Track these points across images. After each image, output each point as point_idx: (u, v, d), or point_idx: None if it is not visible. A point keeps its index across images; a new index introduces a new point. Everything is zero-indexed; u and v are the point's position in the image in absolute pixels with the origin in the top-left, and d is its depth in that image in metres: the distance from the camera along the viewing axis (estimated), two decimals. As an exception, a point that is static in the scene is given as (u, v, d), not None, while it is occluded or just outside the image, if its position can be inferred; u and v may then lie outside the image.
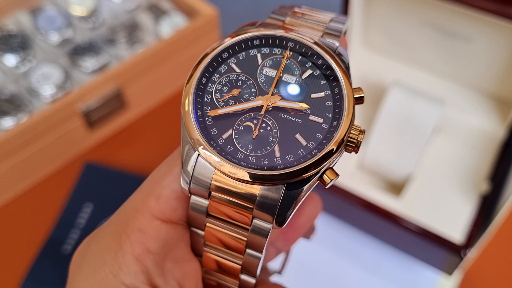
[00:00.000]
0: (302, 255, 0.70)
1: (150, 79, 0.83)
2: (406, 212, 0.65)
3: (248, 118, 0.33)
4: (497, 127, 0.72)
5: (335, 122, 0.32)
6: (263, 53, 0.35)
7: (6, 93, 0.78)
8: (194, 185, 0.32)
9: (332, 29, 0.36)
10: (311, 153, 0.32)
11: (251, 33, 0.35)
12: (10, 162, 0.72)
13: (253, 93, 0.34)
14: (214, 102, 0.34)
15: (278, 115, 0.33)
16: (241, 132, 0.33)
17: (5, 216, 0.75)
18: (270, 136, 0.33)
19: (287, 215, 0.31)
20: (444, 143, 0.72)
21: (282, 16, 0.37)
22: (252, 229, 0.33)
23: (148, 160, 0.81)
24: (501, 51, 0.67)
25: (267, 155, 0.32)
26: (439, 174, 0.69)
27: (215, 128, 0.33)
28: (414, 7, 0.69)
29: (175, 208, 0.34)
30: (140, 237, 0.33)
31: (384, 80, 0.77)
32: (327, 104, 0.33)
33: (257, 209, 0.31)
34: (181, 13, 0.90)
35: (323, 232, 0.73)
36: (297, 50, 0.35)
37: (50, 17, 0.86)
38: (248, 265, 0.35)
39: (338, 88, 0.33)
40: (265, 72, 0.34)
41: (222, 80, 0.35)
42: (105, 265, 0.32)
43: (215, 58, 0.35)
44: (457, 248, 0.60)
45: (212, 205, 0.33)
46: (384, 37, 0.76)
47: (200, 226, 0.35)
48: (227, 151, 0.32)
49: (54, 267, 0.68)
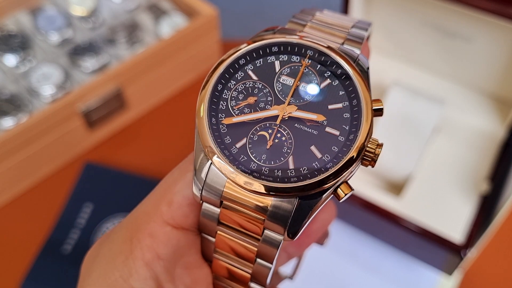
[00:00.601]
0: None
1: (150, 79, 0.83)
2: (406, 212, 0.65)
3: (263, 127, 0.33)
4: (497, 127, 0.72)
5: (352, 135, 0.31)
6: (281, 61, 0.34)
7: (6, 93, 0.78)
8: (206, 192, 0.32)
9: (354, 36, 0.35)
10: (326, 166, 0.31)
11: (270, 39, 0.34)
12: (10, 162, 0.72)
13: (269, 101, 0.33)
14: (229, 110, 0.33)
15: (294, 126, 0.32)
16: (255, 141, 0.32)
17: (5, 216, 0.75)
18: (284, 147, 0.32)
19: (299, 228, 0.31)
20: (444, 143, 0.72)
21: (303, 20, 0.36)
22: (263, 239, 0.32)
23: (148, 160, 0.81)
24: (501, 51, 0.67)
25: (281, 167, 0.31)
26: (439, 174, 0.69)
27: (229, 137, 0.32)
28: (414, 7, 0.69)
29: (187, 214, 0.33)
30: (150, 242, 0.32)
31: (384, 80, 0.77)
32: (345, 116, 0.32)
33: (269, 220, 0.31)
34: (181, 13, 0.90)
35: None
36: (316, 59, 0.34)
37: (50, 17, 0.86)
38: (258, 274, 0.35)
39: (357, 100, 0.32)
40: (283, 80, 0.34)
41: (238, 87, 0.34)
42: (115, 269, 0.32)
43: (232, 64, 0.34)
44: (457, 248, 0.60)
45: (224, 213, 0.33)
46: (384, 37, 0.76)
47: (211, 233, 0.34)
48: (240, 160, 0.32)
49: (54, 267, 0.68)
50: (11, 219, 0.75)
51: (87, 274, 0.34)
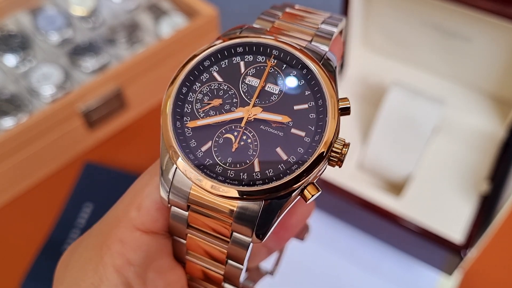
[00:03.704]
0: (302, 255, 0.70)
1: (150, 79, 0.83)
2: (406, 212, 0.65)
3: (228, 130, 0.32)
4: (497, 127, 0.72)
5: (317, 136, 0.31)
6: (247, 61, 0.33)
7: (6, 93, 0.78)
8: (173, 195, 0.32)
9: (322, 32, 0.34)
10: (291, 168, 0.31)
11: (234, 40, 0.33)
12: (10, 162, 0.72)
13: (235, 103, 0.33)
14: (194, 113, 0.33)
15: (259, 127, 0.32)
16: (220, 144, 0.32)
17: (5, 216, 0.75)
18: (250, 149, 0.31)
19: (267, 229, 0.31)
20: (444, 143, 0.72)
21: (272, 17, 0.36)
22: (232, 241, 0.32)
23: (148, 160, 0.81)
24: (501, 51, 0.67)
25: (246, 169, 0.31)
26: (439, 174, 0.69)
27: (194, 140, 0.32)
28: (414, 7, 0.69)
29: (156, 219, 0.33)
30: (120, 248, 0.32)
31: (384, 80, 0.77)
32: (311, 117, 0.32)
33: (236, 222, 0.31)
34: (181, 13, 0.90)
35: (323, 232, 0.73)
36: (281, 58, 0.33)
37: (50, 17, 0.86)
38: (230, 275, 0.35)
39: (322, 100, 0.32)
40: (248, 81, 0.33)
41: (203, 89, 0.33)
42: (86, 276, 0.32)
43: (197, 66, 0.34)
44: (457, 248, 0.60)
45: (192, 216, 0.32)
46: (384, 37, 0.76)
47: (182, 236, 0.34)
48: (205, 164, 0.31)
49: (54, 267, 0.68)
50: (11, 219, 0.75)
51: (59, 282, 0.33)
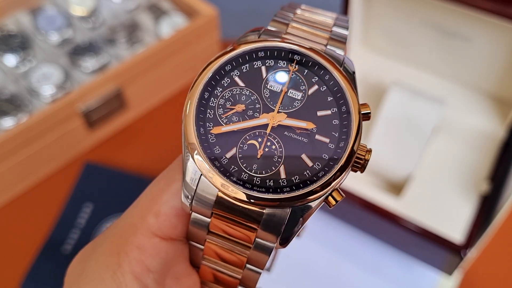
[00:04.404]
0: (302, 255, 0.70)
1: (150, 79, 0.83)
2: (406, 212, 0.65)
3: (253, 136, 0.32)
4: (497, 127, 0.72)
5: (342, 143, 0.31)
6: (268, 66, 0.33)
7: (6, 93, 0.78)
8: (197, 202, 0.31)
9: (337, 35, 0.35)
10: (317, 175, 0.31)
11: (256, 44, 0.33)
12: (10, 162, 0.72)
13: (258, 109, 0.32)
14: (217, 119, 0.32)
15: (284, 134, 0.32)
16: (245, 151, 0.32)
17: (5, 216, 0.75)
18: (275, 156, 0.31)
19: (291, 235, 0.31)
20: (444, 143, 0.72)
21: (285, 19, 0.36)
22: (255, 246, 0.32)
23: (148, 160, 0.81)
24: (501, 51, 0.67)
25: (272, 176, 0.31)
26: (439, 174, 0.69)
27: (218, 147, 0.32)
28: (414, 7, 0.69)
29: (175, 225, 0.33)
30: (139, 255, 0.32)
31: (384, 80, 0.77)
32: (334, 123, 0.32)
33: (262, 229, 0.31)
34: (181, 13, 0.90)
35: (323, 232, 0.73)
36: (303, 63, 0.33)
37: (50, 17, 0.86)
38: (247, 279, 0.34)
39: (345, 106, 0.32)
40: (270, 87, 0.33)
41: (225, 94, 0.33)
42: (104, 283, 0.31)
43: (218, 70, 0.33)
44: (457, 248, 0.60)
45: (214, 223, 0.32)
46: (384, 37, 0.76)
47: (200, 242, 0.34)
48: (231, 171, 0.31)
49: (54, 267, 0.68)
50: (11, 219, 0.75)
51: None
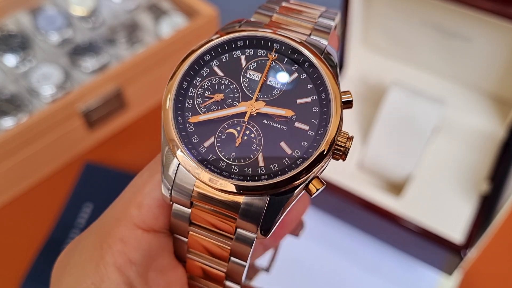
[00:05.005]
0: (302, 255, 0.70)
1: (150, 79, 0.83)
2: (406, 212, 0.65)
3: (231, 124, 0.32)
4: (497, 127, 0.72)
5: (321, 130, 0.31)
6: (247, 55, 0.33)
7: (6, 93, 0.78)
8: (176, 192, 0.31)
9: (321, 26, 0.34)
10: (296, 162, 0.30)
11: (235, 33, 0.33)
12: (10, 162, 0.72)
13: (237, 98, 0.32)
14: (196, 108, 0.32)
15: (262, 122, 0.32)
16: (223, 139, 0.32)
17: (5, 216, 0.75)
18: (253, 144, 0.31)
19: (272, 225, 0.30)
20: (444, 143, 0.72)
21: (269, 11, 0.35)
22: (236, 238, 0.32)
23: (148, 160, 0.81)
24: (501, 51, 0.67)
25: (251, 164, 0.31)
26: (439, 174, 0.69)
27: (197, 136, 0.32)
28: (414, 7, 0.69)
29: (157, 216, 0.33)
30: (121, 247, 0.32)
31: (384, 80, 0.77)
32: (314, 110, 0.32)
33: (241, 218, 0.31)
34: (181, 13, 0.90)
35: (323, 232, 0.73)
36: (282, 52, 0.33)
37: (50, 17, 0.86)
38: (232, 272, 0.34)
39: (325, 93, 0.32)
40: (249, 76, 0.33)
41: (204, 84, 0.33)
42: (86, 276, 0.31)
43: (197, 60, 0.33)
44: (457, 248, 0.60)
45: (195, 213, 0.32)
46: (384, 37, 0.76)
47: (183, 234, 0.34)
48: (209, 160, 0.31)
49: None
50: (11, 219, 0.75)
51: (58, 283, 0.33)
